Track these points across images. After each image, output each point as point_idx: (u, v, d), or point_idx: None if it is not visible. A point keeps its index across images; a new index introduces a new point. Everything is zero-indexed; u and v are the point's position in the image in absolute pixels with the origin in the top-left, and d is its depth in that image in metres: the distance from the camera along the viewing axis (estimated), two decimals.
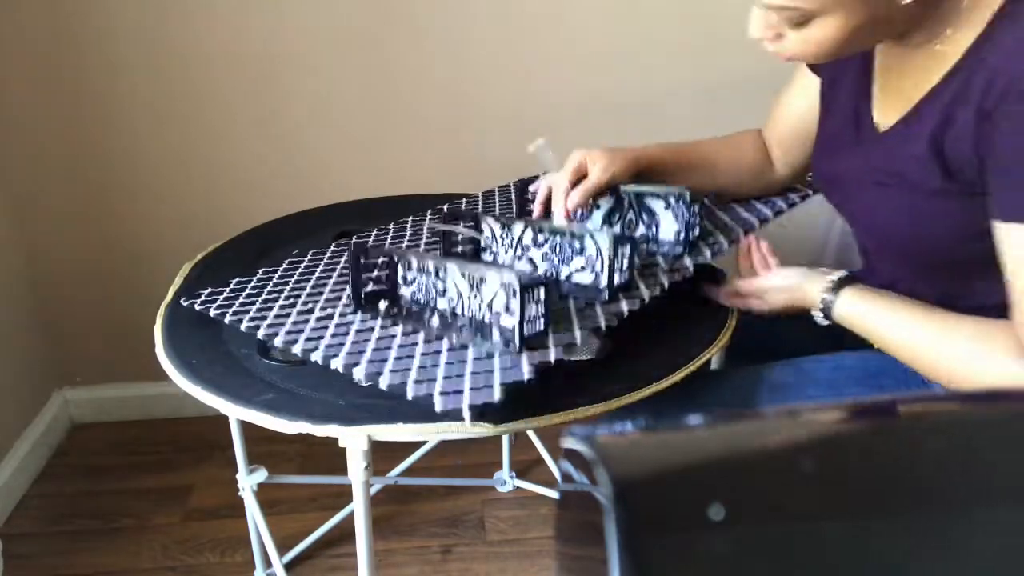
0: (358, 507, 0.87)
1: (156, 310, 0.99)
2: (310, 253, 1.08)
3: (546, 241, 0.94)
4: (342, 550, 1.44)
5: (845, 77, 0.90)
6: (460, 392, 0.75)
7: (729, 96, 1.56)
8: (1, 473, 1.53)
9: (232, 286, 0.99)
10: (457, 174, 1.61)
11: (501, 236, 0.98)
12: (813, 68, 0.95)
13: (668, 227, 0.98)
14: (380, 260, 0.92)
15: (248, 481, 1.21)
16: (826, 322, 0.86)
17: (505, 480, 1.59)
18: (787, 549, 0.28)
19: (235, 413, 0.81)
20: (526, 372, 0.76)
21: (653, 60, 1.57)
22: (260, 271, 1.03)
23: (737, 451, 0.32)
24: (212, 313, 0.92)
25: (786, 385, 0.88)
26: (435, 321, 0.86)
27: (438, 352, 0.82)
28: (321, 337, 0.85)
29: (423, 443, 1.62)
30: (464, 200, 1.27)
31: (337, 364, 0.80)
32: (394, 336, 0.85)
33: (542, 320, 0.80)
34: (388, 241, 1.11)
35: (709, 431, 0.34)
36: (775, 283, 0.90)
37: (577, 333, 0.82)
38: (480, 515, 1.53)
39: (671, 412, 0.85)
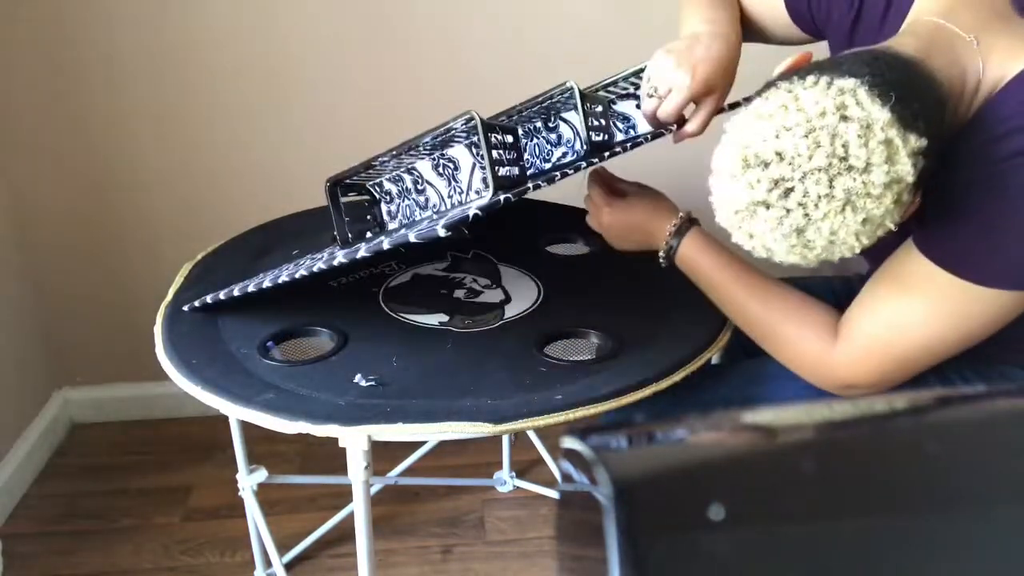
0: (358, 507, 0.87)
1: (156, 310, 0.99)
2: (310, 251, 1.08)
3: (525, 147, 0.90)
4: (342, 550, 1.44)
5: None
6: (434, 227, 0.71)
7: (729, 96, 1.56)
8: (1, 473, 1.53)
9: (235, 294, 0.99)
10: None
11: (480, 154, 0.94)
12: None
13: (645, 125, 0.92)
14: (362, 200, 0.90)
15: (248, 481, 1.21)
16: (665, 264, 0.89)
17: (505, 480, 1.59)
18: (787, 549, 0.28)
19: (235, 413, 0.81)
20: (501, 197, 0.72)
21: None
22: (260, 273, 1.03)
23: (737, 451, 0.32)
24: (209, 299, 0.92)
25: (786, 381, 0.88)
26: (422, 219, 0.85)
27: (420, 223, 0.80)
28: (312, 266, 0.84)
29: (423, 443, 1.62)
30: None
31: (319, 265, 0.80)
32: (383, 241, 0.84)
33: (515, 167, 0.77)
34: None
35: (708, 431, 0.34)
36: (621, 219, 0.91)
37: (556, 174, 0.79)
38: (480, 515, 1.53)
39: (671, 412, 0.85)
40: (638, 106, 0.93)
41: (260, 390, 0.82)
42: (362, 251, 0.76)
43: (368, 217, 0.91)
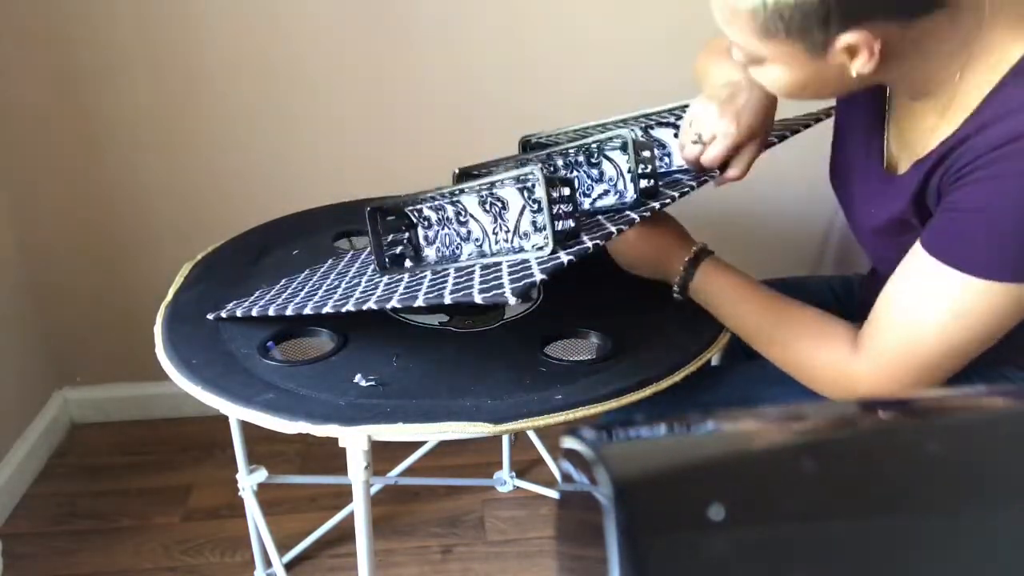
0: (358, 507, 0.87)
1: (156, 310, 0.99)
2: (329, 259, 1.08)
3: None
4: (342, 550, 1.44)
5: (859, 110, 0.89)
6: (500, 286, 0.71)
7: None
8: (1, 473, 1.53)
9: (256, 295, 0.98)
10: None
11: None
12: None
13: (679, 156, 0.94)
14: (400, 223, 0.90)
15: (248, 481, 1.21)
16: (680, 298, 0.90)
17: (505, 480, 1.59)
18: (787, 549, 0.28)
19: (235, 413, 0.81)
20: (564, 258, 0.73)
21: (654, 60, 1.57)
22: (283, 280, 1.02)
23: (737, 451, 0.32)
24: (240, 313, 0.92)
25: (786, 382, 0.88)
26: (464, 257, 0.85)
27: (472, 272, 0.80)
28: (350, 296, 0.85)
29: (423, 443, 1.62)
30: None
31: (369, 305, 0.79)
32: (425, 277, 0.84)
33: (571, 220, 0.77)
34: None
35: (708, 431, 0.34)
36: (635, 247, 0.91)
37: (611, 227, 0.78)
38: (480, 515, 1.53)
39: (671, 412, 0.85)
40: (675, 135, 0.95)
41: (260, 390, 0.82)
42: (419, 300, 0.75)
43: (405, 240, 0.91)
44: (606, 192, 0.88)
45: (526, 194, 0.79)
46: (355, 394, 0.82)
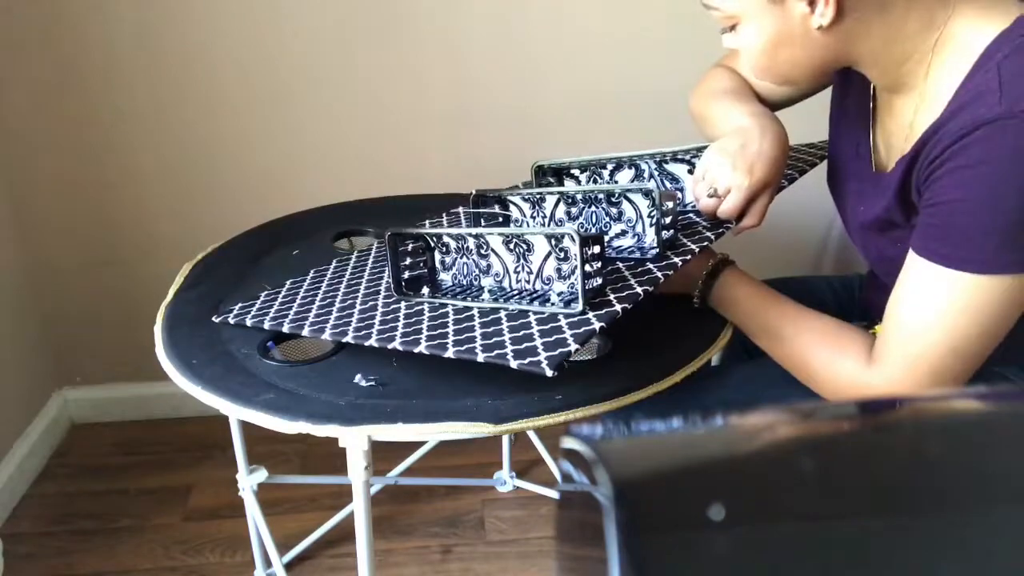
0: (358, 507, 0.87)
1: (156, 310, 0.99)
2: (334, 261, 1.08)
3: (580, 213, 0.91)
4: (342, 550, 1.44)
5: (850, 104, 0.90)
6: (534, 350, 0.71)
7: None
8: (1, 473, 1.53)
9: (263, 298, 0.98)
10: (457, 174, 1.61)
11: (533, 214, 0.96)
12: None
13: (691, 192, 0.95)
14: (418, 246, 0.90)
15: (248, 481, 1.21)
16: (699, 305, 0.90)
17: (505, 480, 1.59)
18: (787, 549, 0.28)
19: (235, 413, 0.81)
20: (596, 324, 0.74)
21: (654, 59, 1.57)
22: (288, 282, 1.02)
23: (737, 451, 0.32)
24: (249, 323, 0.91)
25: (786, 382, 0.88)
26: (486, 296, 0.85)
27: (498, 320, 0.80)
28: (371, 325, 0.84)
29: (423, 443, 1.62)
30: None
31: (395, 345, 0.79)
32: (447, 314, 0.84)
33: (599, 277, 0.77)
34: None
35: (708, 431, 0.34)
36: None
37: (637, 289, 0.79)
38: (480, 515, 1.53)
39: (671, 412, 0.85)
40: (689, 171, 0.96)
41: (260, 390, 0.82)
42: (450, 352, 0.75)
43: (421, 263, 0.91)
44: (624, 232, 0.89)
45: (553, 242, 0.80)
46: (355, 394, 0.82)
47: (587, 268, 0.75)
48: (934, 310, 0.71)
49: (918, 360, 0.72)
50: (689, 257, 0.85)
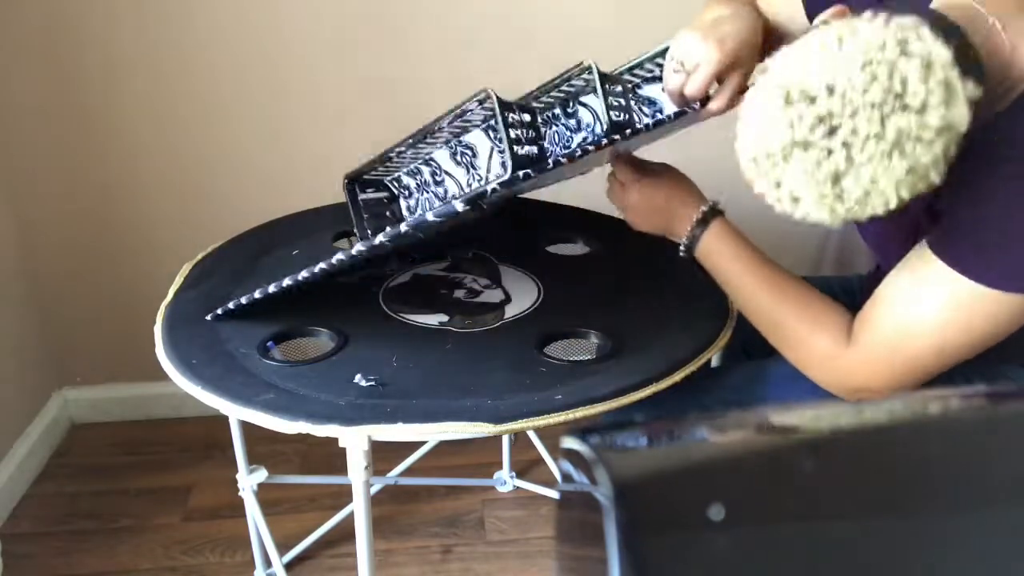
0: (358, 507, 0.87)
1: (156, 310, 0.99)
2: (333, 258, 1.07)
3: (544, 136, 0.88)
4: (342, 550, 1.44)
5: None
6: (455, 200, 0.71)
7: None
8: (1, 473, 1.53)
9: (256, 295, 0.98)
10: None
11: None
12: None
13: (672, 109, 0.91)
14: (381, 198, 0.89)
15: (248, 481, 1.21)
16: (686, 255, 0.88)
17: (505, 480, 1.59)
18: (787, 549, 0.28)
19: (235, 413, 0.81)
20: (520, 173, 0.71)
21: None
22: (286, 279, 1.02)
23: (737, 451, 0.32)
24: (232, 305, 0.91)
25: (786, 379, 0.88)
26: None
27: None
28: (335, 257, 0.84)
29: (423, 443, 1.62)
30: None
31: (356, 248, 0.79)
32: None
33: (535, 147, 0.75)
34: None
35: (709, 431, 0.34)
36: (646, 199, 0.89)
37: (577, 150, 0.76)
38: (480, 515, 1.53)
39: (671, 412, 0.85)
40: (664, 89, 0.91)
41: (260, 390, 0.82)
42: (380, 238, 0.74)
43: (388, 214, 0.90)
44: (584, 140, 0.86)
45: (491, 133, 0.77)
46: (355, 394, 0.82)
47: (513, 133, 0.72)
48: (933, 309, 0.70)
49: (898, 350, 0.72)
50: (641, 128, 0.81)
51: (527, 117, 0.74)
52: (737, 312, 0.94)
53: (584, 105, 0.85)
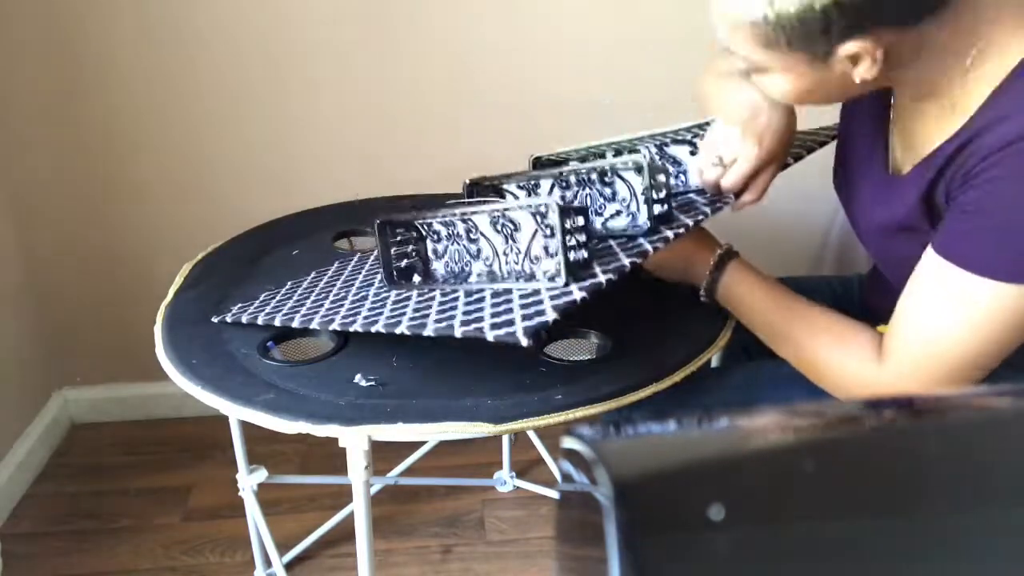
0: (358, 507, 0.87)
1: (156, 310, 0.99)
2: (336, 262, 1.07)
3: (575, 196, 0.90)
4: (342, 550, 1.44)
5: (863, 113, 0.88)
6: (511, 323, 0.70)
7: None
8: (1, 473, 1.53)
9: (262, 298, 0.98)
10: (457, 174, 1.61)
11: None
12: None
13: (695, 174, 0.92)
14: (409, 235, 0.90)
15: (248, 481, 1.21)
16: (706, 301, 0.89)
17: (505, 480, 1.59)
18: (787, 549, 0.28)
19: (235, 413, 0.81)
20: (576, 294, 0.72)
21: (654, 59, 1.57)
22: (288, 283, 1.02)
23: (737, 451, 0.32)
24: (245, 319, 0.91)
25: (787, 381, 0.88)
26: (474, 278, 0.85)
27: (482, 299, 0.79)
28: (358, 312, 0.84)
29: (423, 443, 1.62)
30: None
31: (378, 328, 0.79)
32: (434, 297, 0.84)
33: (584, 250, 0.76)
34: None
35: (709, 431, 0.34)
36: (660, 256, 0.88)
37: (624, 260, 0.77)
38: (480, 515, 1.53)
39: (671, 412, 0.85)
40: (692, 152, 0.94)
41: (260, 390, 0.82)
42: (429, 329, 0.74)
43: (413, 253, 0.90)
44: (618, 213, 0.87)
45: (539, 219, 0.79)
46: (355, 394, 0.82)
47: (569, 240, 0.74)
48: (951, 314, 0.70)
49: (930, 362, 0.71)
50: (682, 231, 0.83)
51: (580, 220, 0.76)
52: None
53: (622, 179, 0.86)
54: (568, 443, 0.32)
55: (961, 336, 0.70)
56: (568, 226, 0.74)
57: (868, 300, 1.00)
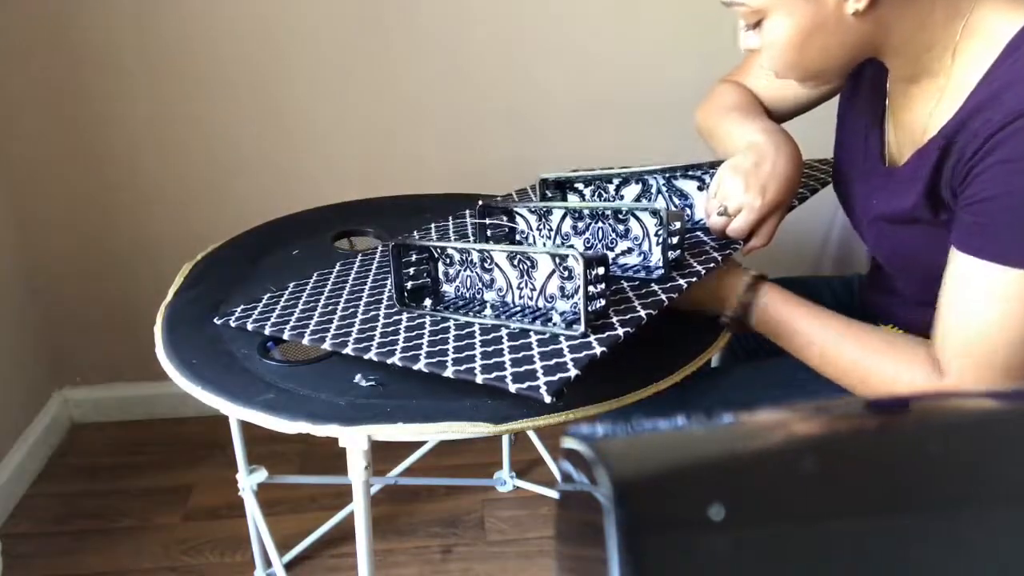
0: (358, 507, 0.87)
1: (156, 310, 0.99)
2: (338, 264, 1.07)
3: (587, 228, 0.91)
4: (342, 550, 1.44)
5: (859, 101, 0.89)
6: (534, 374, 0.71)
7: None
8: (1, 473, 1.53)
9: (265, 300, 0.98)
10: (457, 174, 1.61)
11: (539, 227, 0.95)
12: None
13: (701, 209, 0.94)
14: (422, 257, 0.90)
15: (248, 481, 1.21)
16: (731, 322, 0.87)
17: (505, 480, 1.59)
18: (787, 549, 0.28)
19: (235, 413, 0.81)
20: (597, 349, 0.73)
21: (654, 59, 1.57)
22: (291, 284, 1.02)
23: (737, 451, 0.32)
24: (251, 327, 0.91)
25: (787, 382, 0.88)
26: (488, 312, 0.84)
27: (500, 339, 0.79)
28: (372, 337, 0.84)
29: (423, 443, 1.62)
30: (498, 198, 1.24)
31: (394, 360, 0.79)
32: (448, 329, 0.84)
33: (602, 299, 0.77)
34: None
35: (709, 431, 0.34)
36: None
37: (641, 312, 0.78)
38: (480, 515, 1.53)
39: (671, 412, 0.85)
40: (699, 188, 0.95)
41: (260, 390, 0.82)
42: (448, 371, 0.75)
43: (425, 275, 0.91)
44: (630, 250, 0.88)
45: (558, 260, 0.80)
46: (355, 394, 0.81)
47: (590, 290, 0.75)
48: (988, 308, 0.69)
49: (986, 360, 0.71)
50: (695, 279, 0.84)
51: (601, 270, 0.76)
52: None
53: (637, 219, 0.86)
54: (568, 443, 0.32)
55: (1007, 327, 0.69)
56: (590, 276, 0.74)
57: (867, 300, 1.00)
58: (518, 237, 0.97)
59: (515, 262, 0.83)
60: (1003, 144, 0.66)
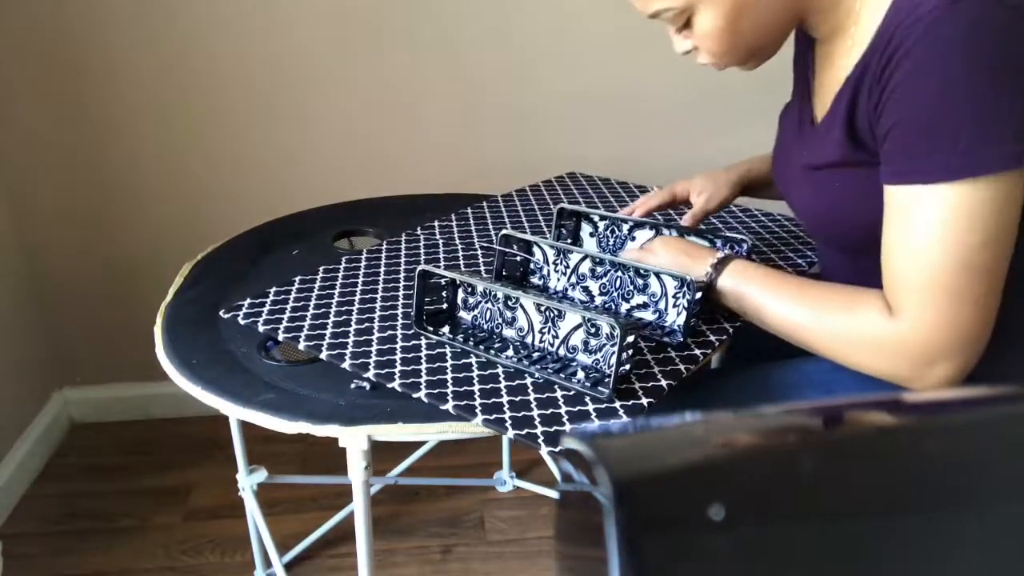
0: (358, 507, 0.87)
1: (156, 310, 0.99)
2: (344, 260, 1.07)
3: (605, 274, 0.92)
4: (342, 550, 1.44)
5: (793, 99, 0.92)
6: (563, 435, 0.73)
7: (729, 95, 1.56)
8: (1, 473, 1.53)
9: (272, 296, 0.98)
10: (457, 174, 1.61)
11: (555, 262, 0.95)
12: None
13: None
14: (444, 283, 0.90)
15: (248, 481, 1.21)
16: (703, 288, 0.88)
17: (505, 480, 1.59)
18: (787, 549, 0.28)
19: (235, 413, 0.81)
20: (623, 416, 0.76)
21: (653, 59, 1.57)
22: (297, 279, 1.01)
23: (737, 451, 0.32)
24: (262, 328, 0.91)
25: (786, 385, 0.88)
26: (509, 353, 0.85)
27: (524, 387, 0.80)
28: (393, 363, 0.84)
29: (423, 443, 1.62)
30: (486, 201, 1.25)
31: (420, 396, 0.78)
32: (470, 366, 0.83)
33: (628, 365, 0.78)
34: (421, 246, 1.11)
35: (709, 431, 0.34)
36: (661, 262, 0.91)
37: (663, 382, 0.80)
38: (480, 515, 1.53)
39: (671, 412, 0.85)
40: (710, 243, 1.00)
41: (260, 390, 0.82)
42: (478, 419, 0.76)
43: (441, 295, 0.91)
44: (645, 305, 0.89)
45: (584, 316, 0.80)
46: (355, 394, 0.82)
47: (623, 355, 0.76)
48: (926, 233, 0.68)
49: (931, 289, 0.69)
50: (709, 351, 0.86)
51: (632, 339, 0.77)
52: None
53: (659, 279, 0.87)
54: (568, 443, 0.32)
55: (944, 250, 0.67)
56: (625, 344, 0.75)
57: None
58: (532, 266, 0.97)
59: (542, 310, 0.84)
60: (905, 58, 0.66)
